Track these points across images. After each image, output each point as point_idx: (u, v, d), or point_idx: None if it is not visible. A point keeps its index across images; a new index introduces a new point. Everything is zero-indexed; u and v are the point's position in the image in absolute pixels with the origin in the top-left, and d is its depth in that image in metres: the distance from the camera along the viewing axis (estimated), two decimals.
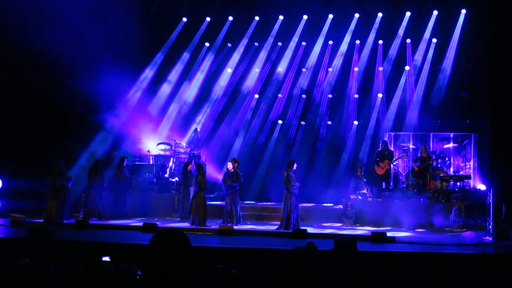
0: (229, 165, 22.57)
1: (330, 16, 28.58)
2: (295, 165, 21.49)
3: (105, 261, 12.05)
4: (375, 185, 25.05)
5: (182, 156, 27.38)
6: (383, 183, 25.07)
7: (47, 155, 25.25)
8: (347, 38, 28.55)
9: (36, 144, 26.03)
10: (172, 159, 27.19)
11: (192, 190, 22.76)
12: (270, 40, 29.51)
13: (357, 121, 28.36)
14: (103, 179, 24.58)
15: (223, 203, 23.26)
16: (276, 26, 29.32)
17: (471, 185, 24.99)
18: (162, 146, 27.47)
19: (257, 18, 29.36)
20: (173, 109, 29.67)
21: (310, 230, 20.47)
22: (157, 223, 21.64)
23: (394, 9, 27.59)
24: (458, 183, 24.55)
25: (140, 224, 21.51)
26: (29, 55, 24.69)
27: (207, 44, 30.21)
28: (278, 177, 28.54)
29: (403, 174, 25.87)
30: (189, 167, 24.13)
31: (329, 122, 28.98)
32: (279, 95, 29.77)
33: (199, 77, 30.13)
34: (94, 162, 24.67)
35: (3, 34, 25.00)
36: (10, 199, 24.89)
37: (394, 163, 25.50)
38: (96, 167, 24.43)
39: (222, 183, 22.88)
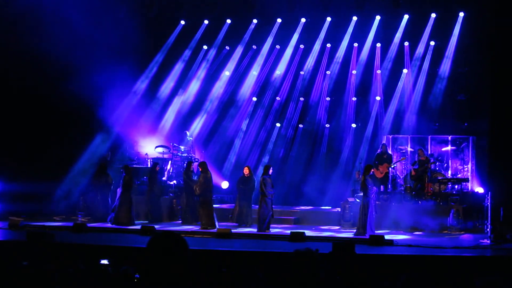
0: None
1: (328, 19, 28.55)
2: (372, 170, 21.53)
3: (104, 264, 12.05)
4: None
5: (179, 159, 27.39)
6: (381, 186, 25.08)
7: (46, 158, 25.26)
8: (345, 41, 28.53)
9: (35, 146, 26.03)
10: (170, 162, 27.17)
11: (118, 190, 23.19)
12: (268, 43, 29.50)
13: (355, 124, 28.37)
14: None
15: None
16: (274, 29, 29.31)
17: (469, 188, 25.01)
18: (160, 149, 27.46)
19: (255, 21, 29.35)
20: (171, 111, 29.65)
21: (308, 233, 20.48)
22: (155, 226, 21.72)
23: (392, 12, 27.57)
24: (456, 186, 24.61)
25: (138, 227, 21.55)
26: (28, 56, 24.70)
27: (205, 47, 30.19)
28: (275, 180, 28.62)
29: (401, 177, 25.89)
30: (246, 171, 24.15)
31: (327, 125, 28.96)
32: (277, 98, 29.76)
33: (197, 80, 30.09)
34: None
35: (2, 35, 25.02)
36: (9, 202, 24.87)
37: (393, 167, 25.52)
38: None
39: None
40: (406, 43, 27.85)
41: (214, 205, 23.64)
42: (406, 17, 27.56)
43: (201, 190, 22.36)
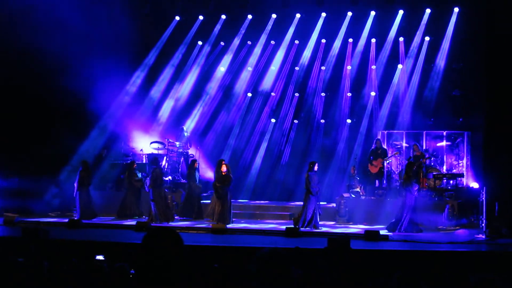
0: (223, 168, 22.79)
1: (323, 14, 28.56)
2: (415, 167, 21.55)
3: (99, 260, 12.05)
4: (369, 183, 25.09)
5: (175, 155, 27.37)
6: (377, 181, 25.10)
7: (41, 154, 25.21)
8: (340, 37, 28.53)
9: (29, 142, 25.96)
10: (165, 158, 27.14)
11: (75, 185, 23.43)
12: (263, 38, 29.48)
13: (350, 119, 28.37)
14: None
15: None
16: (269, 25, 29.30)
17: (464, 183, 25.04)
18: (155, 145, 27.43)
19: (250, 16, 29.35)
20: (166, 107, 29.63)
21: (303, 228, 20.51)
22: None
23: (386, 8, 27.59)
24: (451, 181, 24.61)
25: (133, 223, 21.55)
26: (23, 53, 24.65)
27: (200, 42, 30.16)
28: (270, 176, 28.64)
29: (396, 173, 25.90)
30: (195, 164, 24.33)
31: (322, 121, 28.97)
32: (272, 94, 29.75)
33: (192, 76, 30.08)
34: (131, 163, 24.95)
35: None
36: (4, 198, 24.83)
37: (387, 161, 25.54)
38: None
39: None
40: (401, 39, 27.84)
41: (203, 201, 24.15)
42: (401, 12, 27.56)
43: (152, 185, 22.51)
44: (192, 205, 24.00)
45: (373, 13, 27.88)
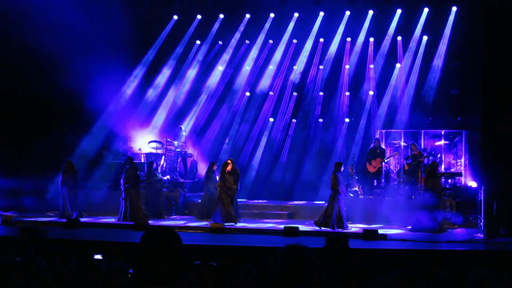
0: (228, 167, 22.62)
1: (321, 13, 28.55)
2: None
3: (97, 260, 12.05)
4: (367, 183, 25.07)
5: (173, 154, 27.36)
6: (375, 181, 25.09)
7: (37, 153, 25.19)
8: (338, 36, 28.52)
9: (25, 142, 25.94)
10: (163, 157, 27.13)
11: (60, 181, 23.46)
12: (261, 38, 29.47)
13: (348, 118, 28.37)
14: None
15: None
16: (267, 24, 29.28)
17: (462, 182, 25.05)
18: (154, 144, 27.39)
19: (248, 16, 29.33)
20: (164, 106, 29.59)
21: (301, 227, 20.50)
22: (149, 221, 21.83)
23: (385, 7, 27.58)
24: (449, 180, 24.61)
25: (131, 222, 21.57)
26: (20, 51, 24.64)
27: (198, 42, 30.13)
28: (269, 175, 28.62)
29: (394, 172, 25.90)
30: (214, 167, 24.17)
31: (320, 120, 28.96)
32: (270, 93, 29.73)
33: (190, 75, 30.05)
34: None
35: None
36: (2, 197, 24.82)
37: (386, 161, 25.54)
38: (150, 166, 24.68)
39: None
40: (399, 38, 27.83)
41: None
42: (399, 11, 27.54)
43: (131, 184, 22.54)
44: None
45: (371, 12, 27.87)
